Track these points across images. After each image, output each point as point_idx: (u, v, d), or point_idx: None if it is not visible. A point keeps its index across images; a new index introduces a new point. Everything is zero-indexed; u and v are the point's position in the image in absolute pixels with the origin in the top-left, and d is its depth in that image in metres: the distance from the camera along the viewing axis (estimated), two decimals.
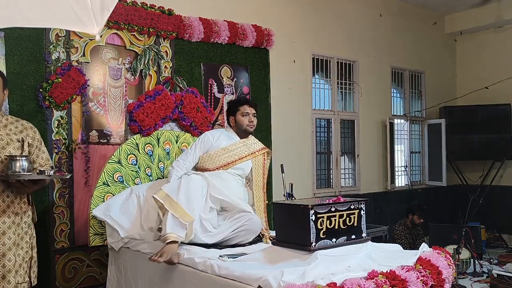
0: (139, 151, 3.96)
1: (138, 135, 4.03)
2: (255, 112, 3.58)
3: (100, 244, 3.66)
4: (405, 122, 7.17)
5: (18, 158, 2.53)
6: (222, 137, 3.51)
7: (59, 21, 2.43)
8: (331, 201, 2.57)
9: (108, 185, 3.70)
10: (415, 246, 5.56)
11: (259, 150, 3.65)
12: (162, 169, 3.97)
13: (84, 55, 3.89)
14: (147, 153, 4.02)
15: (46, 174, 2.63)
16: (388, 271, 2.31)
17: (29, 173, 2.58)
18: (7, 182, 2.56)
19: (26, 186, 2.58)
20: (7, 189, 2.58)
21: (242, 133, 3.56)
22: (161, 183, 3.66)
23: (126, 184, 3.80)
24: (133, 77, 4.18)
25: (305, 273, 2.23)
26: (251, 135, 3.64)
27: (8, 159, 2.53)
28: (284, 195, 4.20)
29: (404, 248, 3.40)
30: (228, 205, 3.30)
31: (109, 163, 3.75)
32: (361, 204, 2.68)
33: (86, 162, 3.90)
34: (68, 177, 2.79)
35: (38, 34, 3.66)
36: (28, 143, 2.71)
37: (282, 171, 4.12)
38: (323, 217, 2.48)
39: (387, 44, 6.71)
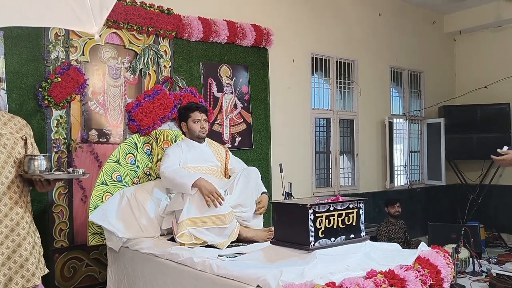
0: (137, 151, 3.97)
1: (136, 134, 4.03)
2: (206, 117, 3.68)
3: (99, 243, 3.66)
4: (404, 121, 7.18)
5: (39, 157, 2.54)
6: (185, 150, 3.59)
7: (58, 21, 2.43)
8: (330, 201, 2.57)
9: (107, 185, 3.71)
10: (405, 238, 5.61)
11: (224, 152, 3.84)
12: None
13: (83, 54, 3.89)
14: (145, 153, 4.03)
15: (77, 173, 2.69)
16: (387, 270, 2.31)
17: (63, 173, 2.81)
18: (26, 179, 2.57)
19: (49, 185, 2.60)
20: (16, 181, 2.56)
21: (196, 139, 3.67)
22: (149, 185, 3.69)
23: (125, 184, 3.81)
24: (132, 76, 4.18)
25: (304, 272, 2.24)
26: (205, 139, 3.76)
27: (29, 158, 2.53)
28: (283, 194, 4.22)
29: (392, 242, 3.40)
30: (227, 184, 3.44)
31: (107, 162, 3.75)
32: (360, 203, 2.69)
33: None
34: (87, 176, 2.81)
35: (37, 33, 3.66)
36: (30, 142, 2.68)
37: (281, 171, 4.14)
38: (322, 216, 2.48)
39: (386, 44, 6.72)
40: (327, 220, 2.51)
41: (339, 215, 2.57)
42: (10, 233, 2.50)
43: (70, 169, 2.77)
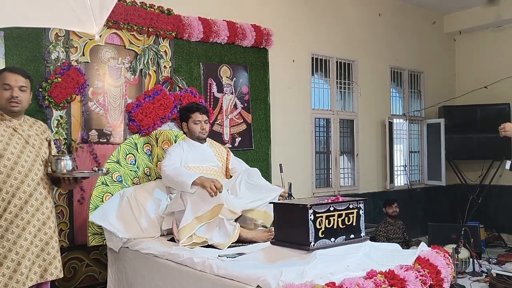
0: (137, 151, 3.97)
1: (137, 134, 4.04)
2: (206, 118, 3.69)
3: (99, 243, 3.66)
4: (404, 121, 7.17)
5: (65, 157, 2.78)
6: (186, 150, 3.60)
7: (59, 21, 2.44)
8: (330, 201, 2.58)
9: (107, 185, 3.71)
10: (403, 239, 5.61)
11: (225, 152, 3.84)
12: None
13: (83, 54, 3.89)
14: (146, 153, 4.03)
15: (102, 171, 3.02)
16: (387, 271, 2.31)
17: (89, 171, 3.08)
18: (51, 178, 2.79)
19: (75, 183, 2.84)
20: (44, 178, 2.75)
21: (197, 139, 3.68)
22: (149, 185, 3.70)
23: (125, 184, 3.81)
24: (132, 76, 4.18)
25: (304, 272, 2.24)
26: (207, 140, 3.77)
27: (56, 158, 2.76)
28: None
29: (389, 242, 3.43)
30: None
31: (107, 163, 3.76)
32: (360, 203, 2.69)
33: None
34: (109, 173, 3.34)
35: (38, 33, 3.66)
36: (52, 143, 2.90)
37: (281, 171, 4.12)
38: (322, 216, 2.49)
39: (386, 44, 6.72)
40: (327, 221, 2.51)
41: (339, 216, 2.57)
42: (42, 227, 2.69)
43: (96, 168, 3.07)
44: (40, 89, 3.63)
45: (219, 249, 3.00)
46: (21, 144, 2.67)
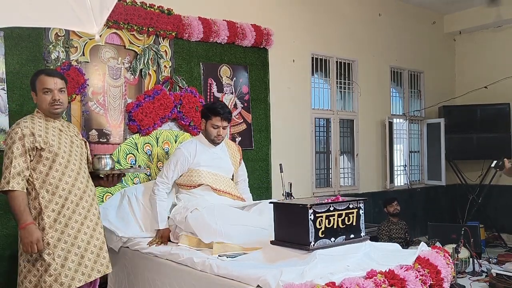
0: (138, 151, 3.97)
1: (137, 134, 4.04)
2: (226, 125, 3.54)
3: None
4: (404, 121, 7.17)
5: (105, 156, 2.93)
6: (199, 151, 3.50)
7: (59, 21, 2.43)
8: (330, 201, 2.58)
9: None
10: (405, 239, 5.62)
11: (239, 157, 3.78)
12: (161, 169, 3.97)
13: (83, 54, 3.89)
14: (146, 153, 4.03)
15: (141, 169, 3.23)
16: (387, 270, 2.32)
17: (133, 168, 3.30)
18: (92, 176, 2.91)
19: (117, 180, 2.99)
20: (90, 176, 2.87)
21: (210, 141, 3.56)
22: (151, 185, 3.69)
23: (125, 184, 3.82)
24: (132, 76, 4.18)
25: (304, 272, 2.24)
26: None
27: (97, 158, 2.92)
28: (283, 194, 4.22)
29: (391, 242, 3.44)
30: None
31: None
32: (359, 203, 2.69)
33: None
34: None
35: (38, 33, 3.66)
36: (87, 144, 3.02)
37: (281, 171, 4.13)
38: (322, 216, 2.49)
39: (386, 44, 6.71)
40: (327, 220, 2.51)
41: (339, 215, 2.58)
42: (98, 221, 2.84)
43: (136, 165, 3.34)
44: None
45: None
46: (68, 144, 2.77)
